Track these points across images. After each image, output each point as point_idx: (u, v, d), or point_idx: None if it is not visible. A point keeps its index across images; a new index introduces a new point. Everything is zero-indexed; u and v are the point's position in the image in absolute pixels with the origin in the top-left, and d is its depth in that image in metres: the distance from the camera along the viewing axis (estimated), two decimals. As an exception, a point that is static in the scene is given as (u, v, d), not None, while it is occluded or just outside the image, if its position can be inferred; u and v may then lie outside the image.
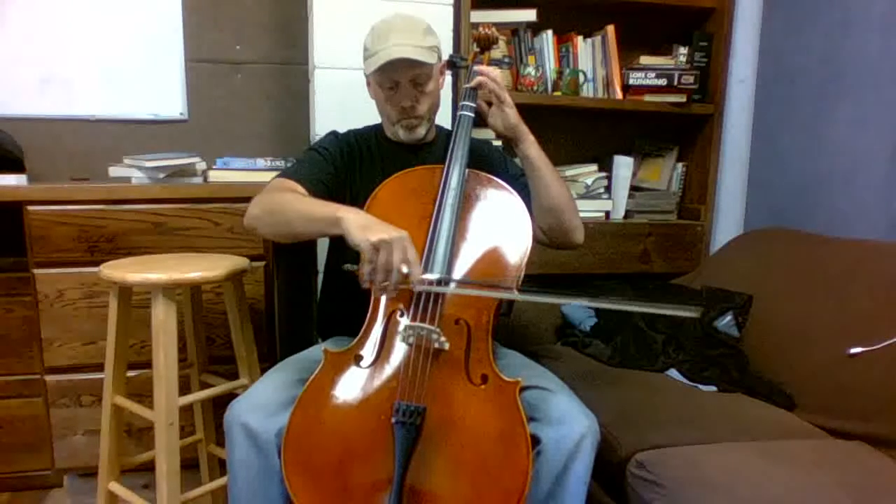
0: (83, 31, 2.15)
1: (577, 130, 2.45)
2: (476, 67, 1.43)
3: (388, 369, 1.21)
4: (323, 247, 1.77)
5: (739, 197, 2.38)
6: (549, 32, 2.23)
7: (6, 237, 1.80)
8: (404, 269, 1.10)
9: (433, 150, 1.52)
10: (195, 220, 1.83)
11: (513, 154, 1.48)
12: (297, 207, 1.27)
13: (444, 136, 1.52)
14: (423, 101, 1.44)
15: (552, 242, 1.45)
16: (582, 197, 2.27)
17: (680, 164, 2.46)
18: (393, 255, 1.09)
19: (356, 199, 1.44)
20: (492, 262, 1.29)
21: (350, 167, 1.50)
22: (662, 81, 2.25)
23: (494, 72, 1.40)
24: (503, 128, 1.38)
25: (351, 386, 1.20)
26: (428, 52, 1.39)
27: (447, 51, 1.71)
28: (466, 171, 1.35)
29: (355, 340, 1.24)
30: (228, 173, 2.02)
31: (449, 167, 1.34)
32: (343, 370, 1.21)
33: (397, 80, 1.40)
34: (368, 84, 1.49)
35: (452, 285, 1.25)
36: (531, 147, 1.38)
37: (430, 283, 1.19)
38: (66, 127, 2.18)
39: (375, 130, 1.56)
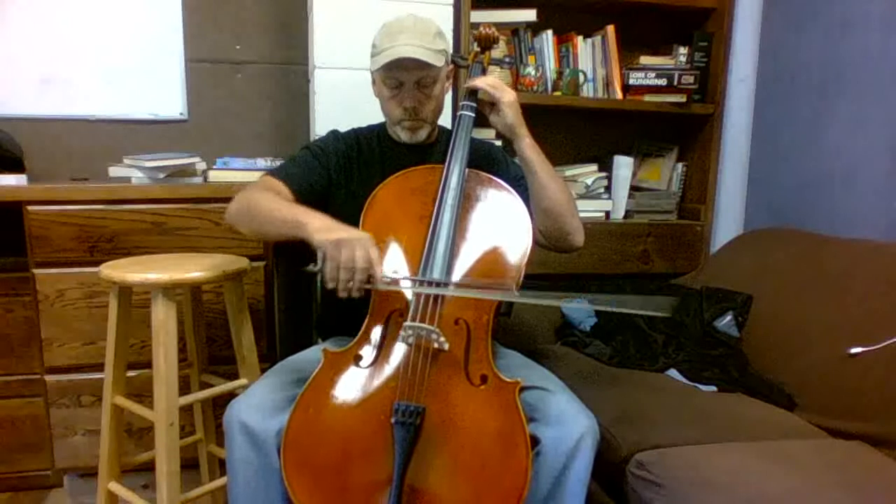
0: (83, 31, 2.15)
1: (577, 130, 2.46)
2: (469, 83, 1.42)
3: (388, 369, 1.21)
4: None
5: (739, 197, 2.38)
6: (549, 32, 2.23)
7: (6, 237, 1.80)
8: (364, 266, 1.11)
9: (434, 150, 1.52)
10: (195, 220, 1.83)
11: (514, 154, 1.48)
12: (269, 208, 1.28)
13: (446, 137, 1.51)
14: (426, 104, 1.43)
15: (551, 245, 1.44)
16: (582, 197, 2.27)
17: (680, 164, 2.46)
18: (355, 252, 1.11)
19: (355, 198, 1.44)
20: (491, 262, 1.29)
21: (347, 167, 1.49)
22: (662, 81, 2.25)
23: (487, 79, 1.39)
24: (501, 127, 1.38)
25: (350, 386, 1.20)
26: (436, 54, 1.37)
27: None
28: (467, 170, 1.35)
29: (355, 340, 1.24)
30: (228, 173, 2.01)
31: (449, 167, 1.34)
32: (343, 370, 1.21)
33: (402, 80, 1.39)
34: (374, 82, 1.48)
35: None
36: (528, 148, 1.37)
37: (391, 281, 1.20)
38: (66, 127, 2.18)
39: (378, 130, 1.55)
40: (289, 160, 1.49)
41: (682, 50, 2.34)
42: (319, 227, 1.15)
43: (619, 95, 2.28)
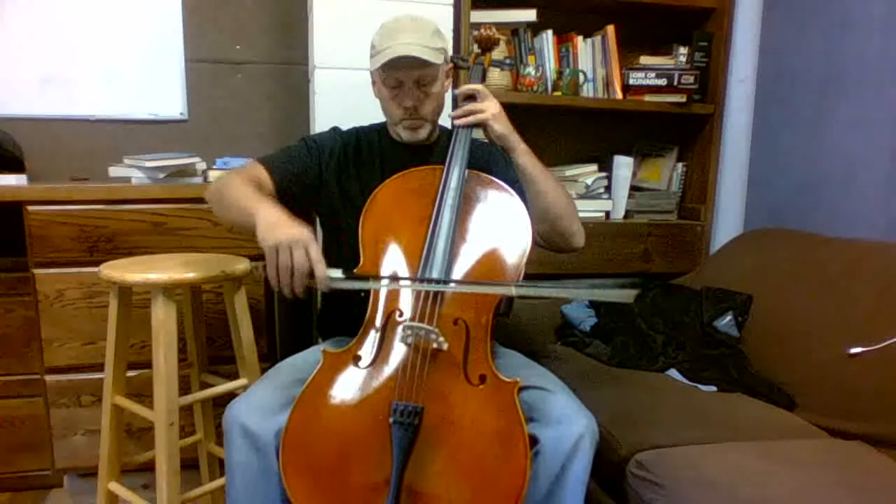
0: (83, 31, 2.15)
1: (577, 130, 2.45)
2: (456, 91, 1.40)
3: (387, 369, 1.20)
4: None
5: (739, 197, 2.38)
6: (549, 32, 2.23)
7: (6, 237, 1.80)
8: (302, 269, 1.11)
9: (435, 150, 1.52)
10: (195, 220, 1.83)
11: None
12: (236, 195, 1.28)
13: (446, 136, 1.50)
14: (426, 103, 1.43)
15: (551, 247, 1.43)
16: (582, 197, 2.27)
17: (680, 164, 2.46)
18: (293, 255, 1.10)
19: (350, 196, 1.44)
20: (491, 262, 1.29)
21: (343, 164, 1.49)
22: (662, 81, 2.25)
23: (470, 102, 1.36)
24: (493, 138, 1.36)
25: (349, 386, 1.20)
26: (435, 52, 1.37)
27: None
28: (466, 171, 1.35)
29: (354, 340, 1.24)
30: (228, 173, 2.01)
31: (449, 168, 1.33)
32: (341, 370, 1.21)
33: (402, 79, 1.39)
34: (373, 82, 1.48)
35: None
36: (522, 156, 1.35)
37: (334, 279, 1.18)
38: (66, 127, 2.18)
39: (379, 129, 1.55)
40: (281, 150, 1.51)
41: (682, 50, 2.34)
42: (264, 225, 1.15)
43: (619, 95, 2.28)
